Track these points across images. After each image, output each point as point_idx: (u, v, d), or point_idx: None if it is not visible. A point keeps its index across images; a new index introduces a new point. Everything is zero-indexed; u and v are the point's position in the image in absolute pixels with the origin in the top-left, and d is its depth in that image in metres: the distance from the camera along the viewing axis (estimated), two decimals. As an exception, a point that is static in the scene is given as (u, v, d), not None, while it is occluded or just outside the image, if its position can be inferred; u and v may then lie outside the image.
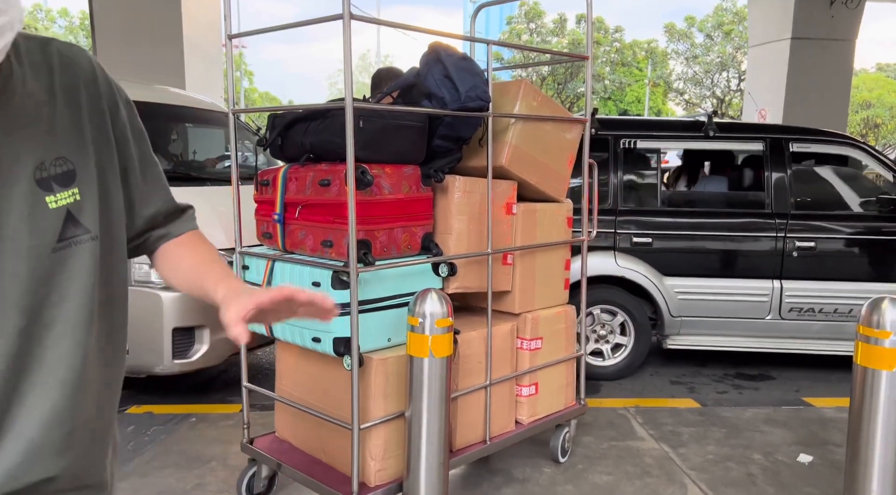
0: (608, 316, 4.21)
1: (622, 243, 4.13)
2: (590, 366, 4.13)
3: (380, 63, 37.29)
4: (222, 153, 4.66)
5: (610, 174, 4.16)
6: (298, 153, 2.43)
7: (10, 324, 0.82)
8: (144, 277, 3.35)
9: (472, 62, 2.40)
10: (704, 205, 4.45)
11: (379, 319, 2.27)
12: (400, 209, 2.32)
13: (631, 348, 4.22)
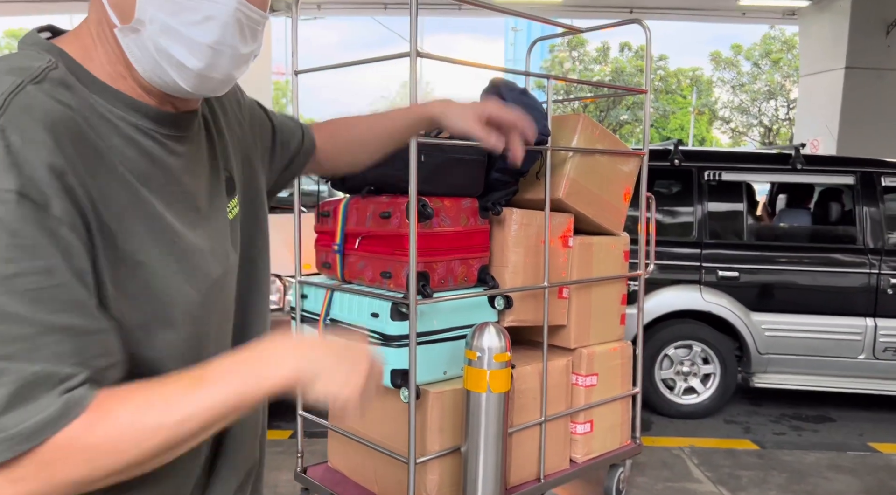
0: (685, 350, 4.14)
1: (707, 277, 4.06)
2: (677, 404, 4.07)
3: (422, 91, 37.75)
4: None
5: (694, 206, 4.12)
6: (359, 185, 2.48)
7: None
8: None
9: (532, 96, 2.41)
10: (793, 239, 4.37)
11: (435, 352, 2.27)
12: (458, 241, 2.33)
13: (717, 385, 4.13)
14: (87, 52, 0.74)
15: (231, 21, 0.71)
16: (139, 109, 0.74)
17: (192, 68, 0.71)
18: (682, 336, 4.09)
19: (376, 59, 2.15)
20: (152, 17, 0.69)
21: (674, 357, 4.18)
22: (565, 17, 10.55)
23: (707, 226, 4.11)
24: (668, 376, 4.21)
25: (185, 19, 0.69)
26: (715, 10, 11.52)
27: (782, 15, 11.67)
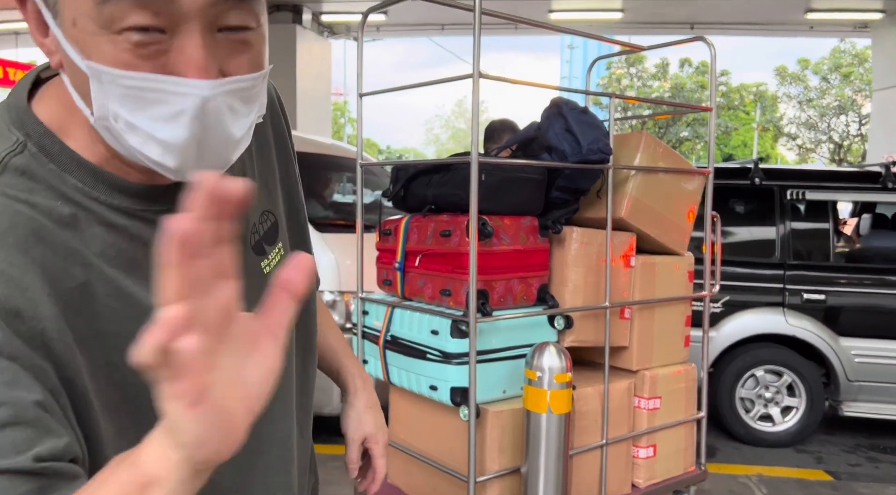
0: (773, 377, 4.00)
1: (791, 299, 3.93)
2: (757, 431, 3.93)
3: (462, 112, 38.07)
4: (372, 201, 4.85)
5: (776, 225, 4.01)
6: (420, 204, 2.52)
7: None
8: None
9: (593, 115, 2.41)
10: (885, 261, 4.18)
11: (494, 370, 2.27)
12: (517, 260, 2.33)
13: (803, 413, 3.97)
14: (64, 121, 0.61)
15: (208, 110, 0.57)
16: (126, 190, 0.63)
17: (172, 167, 0.59)
18: (764, 361, 3.94)
19: (439, 82, 2.19)
20: (115, 113, 0.56)
21: (760, 379, 4.03)
22: (624, 34, 10.47)
23: (790, 247, 3.97)
24: (747, 396, 4.06)
25: (151, 115, 0.56)
26: (781, 25, 11.20)
27: (853, 28, 11.25)
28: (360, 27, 2.49)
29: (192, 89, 0.55)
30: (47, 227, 0.57)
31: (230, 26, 0.57)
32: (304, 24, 10.03)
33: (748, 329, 3.92)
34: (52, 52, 0.59)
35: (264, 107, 0.67)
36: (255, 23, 0.60)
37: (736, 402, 4.00)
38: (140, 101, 0.55)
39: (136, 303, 0.62)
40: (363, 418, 1.13)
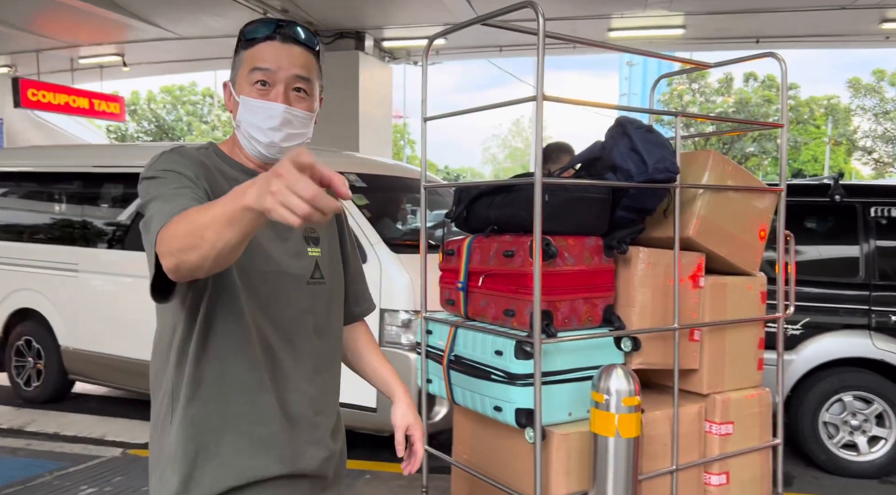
0: (862, 404, 3.79)
1: (879, 321, 3.74)
2: (840, 459, 3.74)
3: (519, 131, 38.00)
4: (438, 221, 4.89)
5: (860, 244, 3.83)
6: (483, 225, 2.53)
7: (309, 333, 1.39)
8: (394, 338, 3.56)
9: (659, 134, 2.37)
10: None
11: (560, 392, 2.24)
12: (582, 280, 2.31)
13: (893, 444, 3.76)
14: (227, 144, 1.40)
15: (282, 118, 1.28)
16: (242, 169, 1.35)
17: (263, 141, 1.30)
18: (851, 386, 3.73)
19: (503, 104, 2.21)
20: (242, 118, 1.31)
21: (848, 405, 3.82)
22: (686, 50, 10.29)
23: (876, 266, 3.76)
24: (832, 421, 3.85)
25: (255, 119, 1.29)
26: (855, 36, 10.77)
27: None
28: (425, 53, 2.55)
29: (277, 107, 1.28)
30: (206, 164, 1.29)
31: (296, 87, 1.31)
32: (366, 51, 10.31)
33: (831, 352, 3.72)
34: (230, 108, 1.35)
35: (310, 136, 1.37)
36: (309, 89, 1.33)
37: (819, 428, 3.79)
38: (254, 109, 1.30)
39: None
40: (407, 413, 1.62)
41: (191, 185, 1.18)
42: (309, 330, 1.36)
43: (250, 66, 1.27)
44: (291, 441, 1.32)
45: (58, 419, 4.63)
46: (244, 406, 1.27)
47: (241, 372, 1.26)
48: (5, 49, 12.55)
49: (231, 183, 1.24)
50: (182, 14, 9.97)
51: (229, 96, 1.33)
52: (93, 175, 4.88)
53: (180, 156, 1.24)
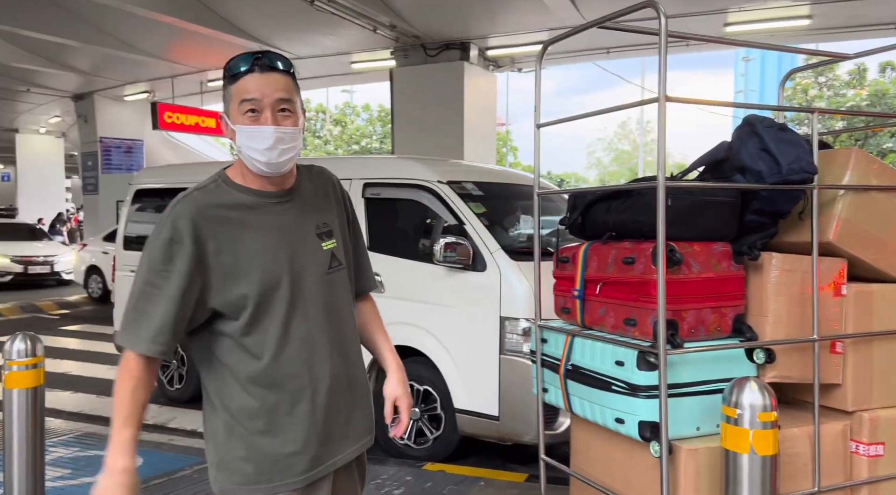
0: None
1: None
2: None
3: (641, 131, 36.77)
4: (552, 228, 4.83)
5: None
6: (600, 231, 2.48)
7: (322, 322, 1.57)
8: (515, 347, 3.58)
9: (793, 132, 2.23)
10: None
11: (686, 405, 2.15)
12: (709, 288, 2.21)
13: None
14: (234, 169, 1.57)
15: (274, 137, 1.46)
16: (251, 192, 1.53)
17: (264, 161, 1.48)
18: None
19: (623, 107, 2.16)
20: (241, 143, 1.48)
21: None
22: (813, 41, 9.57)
23: None
24: None
25: (253, 143, 1.46)
26: None
27: None
28: (538, 59, 2.54)
29: (269, 131, 1.46)
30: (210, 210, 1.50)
31: (281, 108, 1.48)
32: (471, 61, 10.41)
33: None
34: (230, 134, 1.50)
35: (301, 144, 1.54)
36: (292, 108, 1.50)
37: None
38: (249, 135, 1.47)
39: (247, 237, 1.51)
40: (396, 386, 1.74)
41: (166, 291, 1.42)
42: (334, 314, 1.58)
43: (239, 99, 1.46)
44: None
45: (195, 417, 5.00)
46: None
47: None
48: (145, 76, 13.81)
49: (231, 211, 1.49)
50: (298, 35, 10.53)
51: (226, 126, 1.51)
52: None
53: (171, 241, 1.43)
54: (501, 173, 5.26)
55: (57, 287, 12.79)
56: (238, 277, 1.45)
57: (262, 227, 1.50)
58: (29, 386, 2.73)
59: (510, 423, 3.62)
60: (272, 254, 1.49)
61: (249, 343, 1.48)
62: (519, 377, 3.57)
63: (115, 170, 15.49)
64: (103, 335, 8.26)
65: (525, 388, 3.48)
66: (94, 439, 4.18)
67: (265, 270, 1.48)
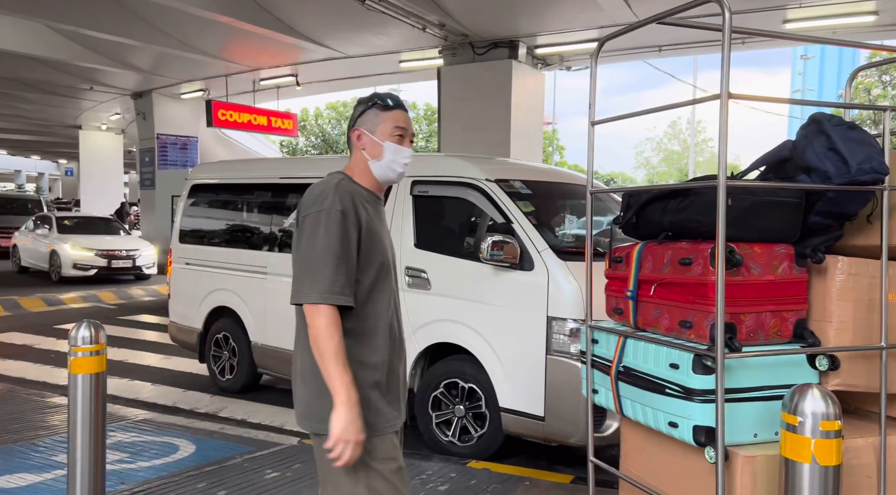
0: None
1: None
2: None
3: (692, 130, 35.96)
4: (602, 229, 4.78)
5: None
6: (655, 231, 2.43)
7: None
8: (562, 347, 3.56)
9: (863, 131, 2.14)
10: None
11: (743, 411, 2.09)
12: (769, 291, 2.14)
13: None
14: (352, 172, 1.96)
15: (410, 158, 1.97)
16: (368, 192, 1.95)
17: (399, 172, 1.96)
18: None
19: (683, 104, 2.12)
20: (386, 156, 1.93)
21: None
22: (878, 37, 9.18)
23: None
24: None
25: (397, 157, 1.94)
26: None
27: None
28: (594, 56, 2.51)
29: (409, 152, 1.99)
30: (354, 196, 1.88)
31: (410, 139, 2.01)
32: (519, 59, 10.36)
33: None
34: (363, 146, 1.97)
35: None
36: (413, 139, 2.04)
37: None
38: (396, 153, 1.96)
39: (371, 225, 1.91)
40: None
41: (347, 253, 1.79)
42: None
43: (394, 124, 1.93)
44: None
45: (245, 407, 5.13)
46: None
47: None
48: (200, 75, 14.21)
49: (362, 202, 1.88)
50: (349, 34, 10.67)
51: (367, 139, 1.94)
52: (279, 185, 5.37)
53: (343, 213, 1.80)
54: (550, 172, 5.22)
55: (136, 281, 12.80)
56: (368, 254, 1.84)
57: (377, 219, 1.92)
58: (92, 371, 2.84)
59: (556, 424, 3.59)
60: (382, 243, 1.90)
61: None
62: (566, 378, 3.53)
63: (170, 165, 16.01)
64: (157, 325, 8.54)
65: (571, 389, 3.45)
66: (151, 425, 4.32)
67: (382, 253, 1.89)
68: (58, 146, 29.64)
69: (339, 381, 1.69)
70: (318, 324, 1.72)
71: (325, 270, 1.73)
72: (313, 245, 1.75)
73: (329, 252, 1.74)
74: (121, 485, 3.32)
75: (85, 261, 12.30)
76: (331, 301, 1.73)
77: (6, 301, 9.83)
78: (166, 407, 5.12)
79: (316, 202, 1.80)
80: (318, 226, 1.77)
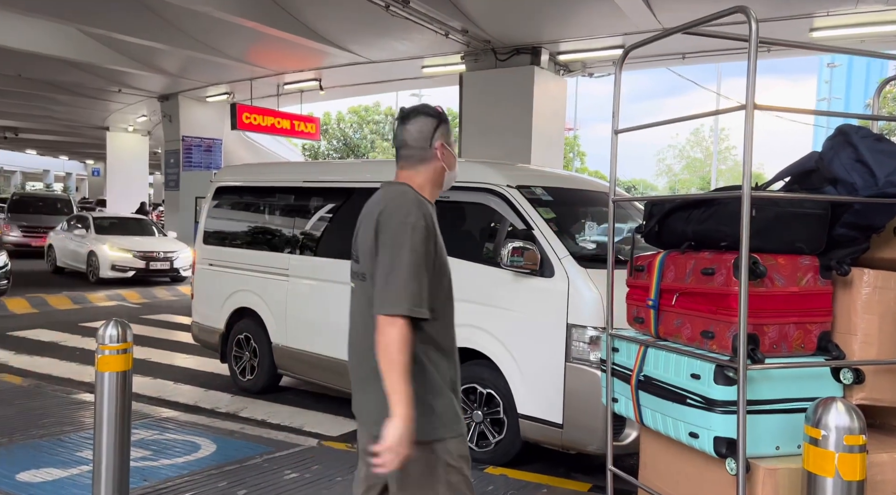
0: None
1: None
2: None
3: (715, 138, 35.63)
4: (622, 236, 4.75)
5: None
6: (678, 240, 2.43)
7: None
8: (582, 355, 3.55)
9: (891, 143, 2.12)
10: None
11: (765, 423, 2.07)
12: (793, 303, 2.13)
13: None
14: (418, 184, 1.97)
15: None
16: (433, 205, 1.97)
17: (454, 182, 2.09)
18: None
19: (707, 114, 2.12)
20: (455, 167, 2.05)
21: None
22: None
23: None
24: None
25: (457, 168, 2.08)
26: None
27: None
28: (618, 64, 2.52)
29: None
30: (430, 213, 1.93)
31: None
32: (541, 65, 10.37)
33: None
34: (434, 158, 1.99)
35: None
36: None
37: None
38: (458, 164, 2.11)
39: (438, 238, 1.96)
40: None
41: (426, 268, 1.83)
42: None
43: (453, 137, 2.00)
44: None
45: (265, 408, 5.18)
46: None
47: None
48: (225, 78, 14.42)
49: (433, 216, 1.92)
50: (373, 40, 10.76)
51: (446, 154, 1.99)
52: (302, 189, 5.43)
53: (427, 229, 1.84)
54: (571, 178, 5.21)
55: (171, 283, 12.61)
56: (441, 267, 1.91)
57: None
58: (119, 370, 2.90)
59: (574, 432, 3.58)
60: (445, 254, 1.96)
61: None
62: (585, 385, 3.52)
63: (195, 167, 16.25)
64: (180, 325, 8.66)
65: (591, 397, 3.44)
66: (173, 423, 4.39)
67: (448, 264, 1.95)
68: (85, 147, 30.24)
69: (404, 394, 1.74)
70: (392, 336, 1.75)
71: (412, 284, 1.77)
72: (400, 258, 1.78)
73: (415, 266, 1.78)
74: (144, 482, 3.38)
75: (124, 263, 12.17)
76: (415, 313, 1.77)
77: (34, 298, 10.04)
78: (188, 406, 5.19)
79: (398, 215, 1.83)
80: (403, 240, 1.80)
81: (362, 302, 1.92)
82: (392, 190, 1.93)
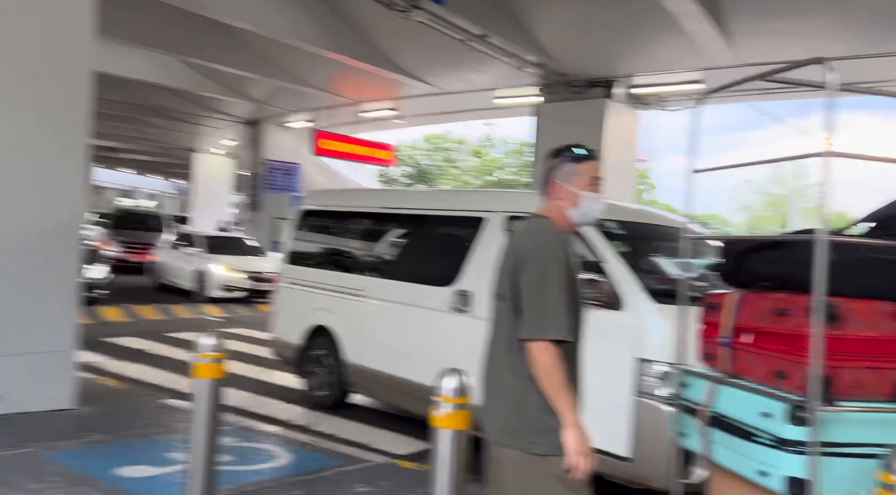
0: None
1: None
2: None
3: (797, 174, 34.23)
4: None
5: None
6: (752, 280, 2.47)
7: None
8: (651, 389, 3.60)
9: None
10: None
11: (838, 467, 2.08)
12: (870, 347, 2.14)
13: None
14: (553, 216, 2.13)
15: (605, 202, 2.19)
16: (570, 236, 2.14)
17: (595, 217, 2.18)
18: None
19: (783, 159, 2.18)
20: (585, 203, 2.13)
21: None
22: None
23: None
24: None
25: (595, 205, 2.14)
26: None
27: None
28: (697, 106, 2.60)
29: (604, 198, 2.20)
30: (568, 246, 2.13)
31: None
32: (614, 98, 10.42)
33: None
34: (560, 197, 2.15)
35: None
36: None
37: None
38: (596, 200, 2.16)
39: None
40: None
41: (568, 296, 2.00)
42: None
43: (591, 175, 2.13)
44: None
45: (336, 423, 5.38)
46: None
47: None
48: (308, 106, 15.16)
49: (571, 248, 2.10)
50: (450, 71, 11.13)
51: (563, 190, 2.12)
52: (380, 215, 5.70)
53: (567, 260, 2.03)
54: (643, 213, 5.23)
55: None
56: (576, 296, 2.05)
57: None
58: (213, 377, 3.15)
59: (642, 466, 3.58)
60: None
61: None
62: (653, 420, 3.53)
63: (276, 190, 16.99)
64: (257, 340, 9.07)
65: (658, 432, 3.44)
66: (251, 432, 4.65)
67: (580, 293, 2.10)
68: (172, 167, 32.08)
69: (570, 407, 1.95)
70: (547, 359, 1.94)
71: (559, 311, 1.95)
72: (546, 288, 1.97)
73: (560, 296, 1.96)
74: (226, 485, 3.61)
75: (235, 283, 12.09)
76: (562, 336, 1.95)
77: (124, 307, 10.74)
78: (264, 417, 5.46)
79: (542, 248, 2.03)
80: (547, 270, 1.98)
81: (503, 318, 2.10)
82: (534, 222, 2.14)
